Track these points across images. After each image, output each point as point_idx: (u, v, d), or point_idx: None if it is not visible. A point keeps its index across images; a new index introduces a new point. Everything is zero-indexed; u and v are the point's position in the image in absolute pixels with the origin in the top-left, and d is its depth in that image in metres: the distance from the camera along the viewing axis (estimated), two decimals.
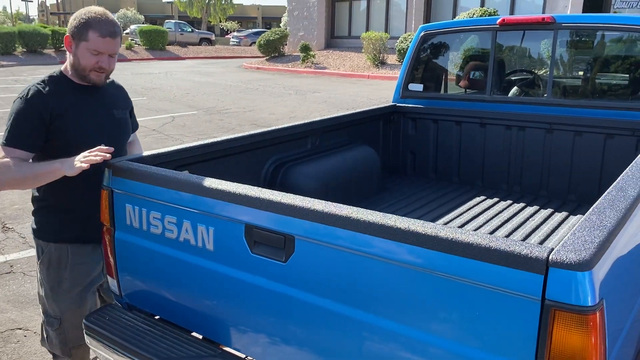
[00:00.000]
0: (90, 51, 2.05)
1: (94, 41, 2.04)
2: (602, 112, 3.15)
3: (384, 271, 1.42)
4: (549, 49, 3.35)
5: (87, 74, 2.10)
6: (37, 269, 2.27)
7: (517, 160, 3.47)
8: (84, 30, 2.04)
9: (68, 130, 2.08)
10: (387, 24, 22.17)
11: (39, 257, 2.24)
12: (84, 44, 2.05)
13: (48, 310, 2.26)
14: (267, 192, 1.65)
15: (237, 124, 10.10)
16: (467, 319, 1.31)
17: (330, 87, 15.95)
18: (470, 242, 1.28)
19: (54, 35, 25.36)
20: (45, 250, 2.20)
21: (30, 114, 2.03)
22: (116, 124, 2.26)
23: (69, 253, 2.19)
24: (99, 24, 2.04)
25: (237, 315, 1.79)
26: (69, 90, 2.13)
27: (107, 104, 2.24)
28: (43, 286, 2.25)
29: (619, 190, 1.60)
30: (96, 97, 2.20)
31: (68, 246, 2.19)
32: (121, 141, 2.29)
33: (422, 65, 3.90)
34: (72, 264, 2.20)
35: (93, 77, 2.12)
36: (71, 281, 2.21)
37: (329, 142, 3.26)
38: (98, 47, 2.05)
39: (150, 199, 1.92)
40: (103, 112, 2.21)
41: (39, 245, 2.23)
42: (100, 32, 2.04)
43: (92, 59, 2.07)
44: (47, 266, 2.21)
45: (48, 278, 2.21)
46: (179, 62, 26.56)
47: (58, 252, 2.19)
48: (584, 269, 1.16)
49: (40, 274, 2.24)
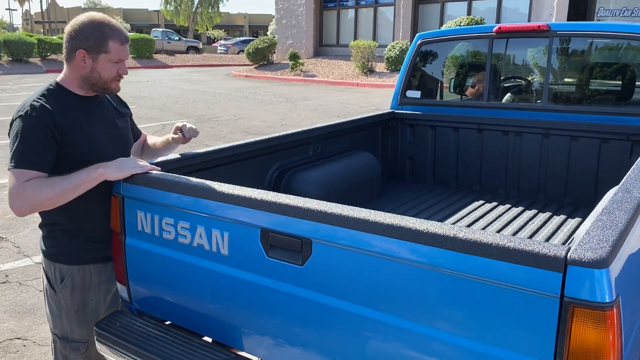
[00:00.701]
0: (112, 61, 1.98)
1: (116, 51, 1.97)
2: (597, 117, 3.22)
3: (403, 273, 1.45)
4: (545, 56, 3.42)
5: (109, 85, 2.03)
6: (50, 294, 2.16)
7: (514, 165, 3.53)
8: (102, 41, 1.95)
9: (78, 145, 1.99)
10: (375, 32, 22.35)
11: (56, 282, 2.12)
12: (104, 57, 1.96)
13: (70, 335, 2.16)
14: (284, 197, 1.67)
15: (228, 132, 10.11)
16: (487, 318, 1.34)
17: (320, 94, 16.02)
18: (489, 242, 1.31)
19: (39, 44, 25.17)
20: (67, 274, 2.11)
21: (40, 131, 1.88)
22: (121, 133, 2.21)
23: (92, 273, 2.13)
24: (114, 32, 1.97)
25: (251, 319, 1.80)
26: (73, 103, 2.03)
27: (110, 113, 2.18)
28: (63, 311, 2.14)
29: (625, 191, 1.65)
30: (99, 108, 2.13)
31: (91, 267, 2.12)
32: (127, 150, 2.24)
33: (419, 73, 3.96)
34: (96, 284, 2.15)
35: (114, 87, 2.06)
36: (97, 301, 2.16)
37: (330, 149, 3.30)
38: (121, 56, 1.99)
39: (164, 205, 1.93)
40: (108, 122, 2.15)
41: (55, 268, 2.11)
42: (120, 40, 1.98)
43: (114, 69, 2.00)
44: (71, 289, 2.11)
45: (73, 301, 2.12)
46: (166, 71, 26.51)
47: (81, 274, 2.11)
48: (601, 267, 1.19)
49: (61, 299, 2.13)
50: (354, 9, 23.18)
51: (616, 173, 3.06)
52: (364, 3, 22.77)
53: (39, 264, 4.37)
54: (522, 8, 18.01)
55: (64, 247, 2.10)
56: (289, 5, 24.36)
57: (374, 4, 22.36)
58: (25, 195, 1.84)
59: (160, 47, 32.98)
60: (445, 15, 19.84)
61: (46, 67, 24.32)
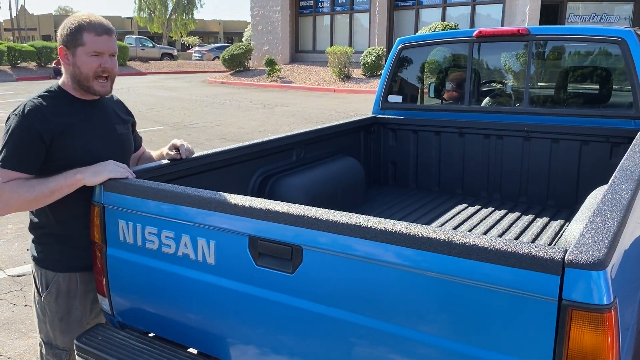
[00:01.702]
0: (90, 54, 1.93)
1: (92, 42, 1.92)
2: (577, 119, 3.26)
3: (396, 278, 1.42)
4: (525, 59, 3.46)
5: (91, 84, 1.97)
6: (37, 299, 2.13)
7: (496, 168, 3.55)
8: (78, 34, 1.92)
9: (71, 149, 1.96)
10: (351, 38, 22.47)
11: (42, 287, 2.10)
12: (81, 50, 1.93)
13: (55, 342, 2.12)
14: (272, 203, 1.63)
15: (205, 139, 10.00)
16: (483, 323, 1.33)
17: (298, 100, 16.00)
18: (485, 245, 1.29)
19: (9, 51, 24.64)
20: (53, 281, 2.07)
21: (28, 133, 1.88)
22: (120, 140, 2.15)
23: (79, 282, 2.09)
24: (91, 25, 1.93)
25: (239, 330, 1.76)
26: (70, 106, 2.00)
27: (110, 119, 2.13)
28: (49, 317, 2.11)
29: (613, 192, 1.66)
30: (98, 112, 2.08)
31: (77, 275, 2.09)
32: (125, 158, 2.18)
33: (400, 77, 3.96)
34: (82, 293, 2.11)
35: (98, 88, 1.98)
36: (82, 310, 2.12)
37: (313, 154, 3.27)
38: (97, 48, 1.93)
39: (146, 214, 1.87)
40: (106, 127, 2.10)
41: (42, 274, 2.09)
42: (96, 31, 1.93)
43: (94, 62, 1.94)
44: (56, 296, 2.08)
45: (57, 308, 2.08)
46: (141, 78, 26.18)
47: (67, 281, 2.07)
48: (598, 269, 1.19)
49: (46, 305, 2.10)
50: (329, 15, 23.27)
51: (597, 174, 3.10)
52: (340, 9, 22.88)
53: (12, 277, 4.23)
54: (495, 14, 18.32)
55: (51, 253, 2.08)
56: (264, 12, 24.33)
57: (349, 10, 22.48)
58: (3, 196, 1.86)
59: (134, 54, 32.59)
60: (420, 21, 20.06)
61: (16, 75, 23.80)
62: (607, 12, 17.23)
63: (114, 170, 1.95)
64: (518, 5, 16.80)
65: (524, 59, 3.50)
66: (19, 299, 3.85)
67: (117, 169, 1.96)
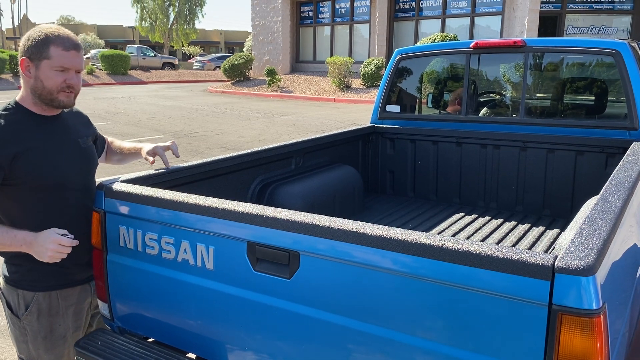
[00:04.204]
0: (55, 69, 1.84)
1: (58, 57, 1.84)
2: (572, 130, 3.30)
3: (391, 284, 1.45)
4: (521, 70, 3.50)
5: (56, 97, 1.88)
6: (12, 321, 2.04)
7: (492, 178, 3.59)
8: (44, 47, 1.83)
9: (35, 169, 1.87)
10: (351, 49, 22.61)
11: (19, 308, 2.01)
12: (46, 63, 1.84)
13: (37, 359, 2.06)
14: (270, 209, 1.66)
15: (205, 147, 10.04)
16: (475, 327, 1.35)
17: (297, 110, 16.07)
18: (477, 251, 1.32)
19: (11, 60, 24.76)
20: (32, 301, 2.00)
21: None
22: (84, 155, 2.07)
23: (59, 299, 2.03)
24: (59, 39, 1.84)
25: (238, 334, 1.78)
26: (29, 124, 1.90)
27: (72, 134, 2.04)
28: (29, 337, 2.03)
29: (605, 201, 1.69)
30: (60, 128, 1.99)
31: (57, 292, 2.02)
32: (91, 172, 2.11)
33: (398, 87, 4.01)
34: (64, 309, 2.05)
35: (62, 99, 1.89)
36: (64, 326, 2.07)
37: (312, 163, 3.30)
38: (64, 63, 1.85)
39: (146, 220, 1.90)
40: (69, 142, 2.01)
41: (19, 295, 1.99)
42: (64, 46, 1.84)
43: (59, 77, 1.85)
44: (37, 316, 2.01)
45: (39, 327, 2.01)
46: (142, 87, 26.29)
47: (47, 300, 2.01)
48: (588, 274, 1.22)
49: (26, 325, 2.01)
50: (329, 25, 23.44)
51: (592, 184, 3.14)
52: (340, 20, 23.05)
53: None
54: (494, 25, 18.46)
55: (27, 273, 1.99)
56: (265, 22, 24.50)
57: (349, 21, 22.65)
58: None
59: (135, 64, 32.73)
60: (419, 32, 20.20)
61: (17, 84, 23.86)
62: (605, 24, 17.37)
63: (52, 254, 1.85)
64: (517, 17, 16.93)
65: (521, 70, 3.55)
66: None
67: (54, 252, 1.85)
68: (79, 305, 2.11)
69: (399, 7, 20.81)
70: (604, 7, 17.33)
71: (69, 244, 1.86)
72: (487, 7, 18.62)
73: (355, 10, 22.38)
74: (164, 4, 46.55)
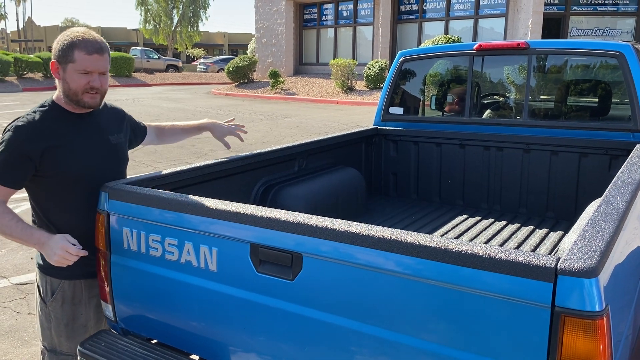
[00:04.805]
0: (79, 72, 1.96)
1: (81, 60, 1.95)
2: (576, 132, 3.30)
3: (394, 286, 1.45)
4: (524, 72, 3.50)
5: (81, 98, 2.00)
6: (40, 307, 2.17)
7: (496, 180, 3.58)
8: (69, 51, 1.95)
9: (62, 163, 2.00)
10: (355, 51, 22.62)
11: (47, 294, 2.14)
12: (71, 66, 1.96)
13: (58, 347, 2.16)
14: (274, 211, 1.67)
15: (209, 149, 10.06)
16: (478, 329, 1.35)
17: (301, 112, 16.08)
18: (480, 253, 1.32)
19: (16, 62, 24.85)
20: (58, 288, 2.12)
21: (16, 149, 1.93)
22: (113, 151, 2.18)
23: (83, 288, 2.15)
24: (83, 43, 1.95)
25: (241, 336, 1.78)
26: (62, 120, 2.04)
27: (103, 131, 2.16)
28: (53, 323, 2.15)
29: (608, 203, 1.69)
30: (91, 124, 2.11)
31: (82, 282, 2.14)
32: (119, 168, 2.21)
33: (401, 89, 4.02)
34: (86, 299, 2.16)
35: (87, 100, 2.01)
36: (86, 315, 2.17)
37: (315, 164, 3.31)
38: (86, 67, 1.96)
39: (150, 222, 1.91)
40: (99, 139, 2.13)
41: (47, 281, 2.13)
42: (87, 50, 1.95)
43: (82, 80, 1.97)
44: (62, 303, 2.13)
45: (63, 314, 2.13)
46: (146, 89, 26.36)
47: (72, 288, 2.13)
48: (590, 276, 1.22)
49: (51, 311, 2.14)
50: (333, 28, 23.46)
51: (596, 186, 3.13)
52: (343, 22, 23.07)
53: (16, 285, 4.26)
54: (498, 28, 18.44)
55: None
56: (268, 25, 24.55)
57: (353, 23, 22.67)
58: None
59: (139, 66, 32.83)
60: (423, 34, 20.20)
61: (22, 86, 23.99)
62: (609, 26, 17.33)
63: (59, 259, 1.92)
64: (520, 19, 16.91)
65: (524, 72, 3.54)
66: (23, 307, 3.88)
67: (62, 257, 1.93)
68: None
69: (403, 9, 20.82)
70: (608, 9, 17.30)
71: (75, 252, 1.94)
72: (490, 9, 18.61)
73: (358, 13, 22.40)
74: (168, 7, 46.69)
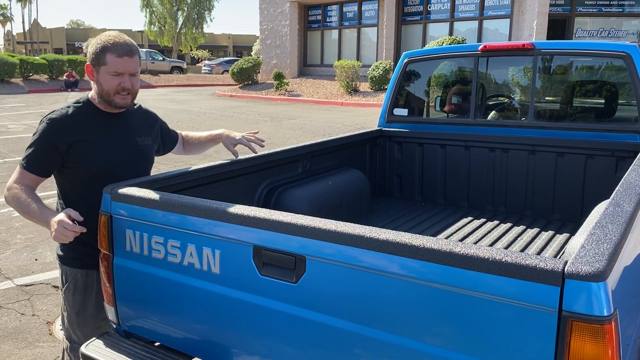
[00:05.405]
0: (111, 74, 2.08)
1: (112, 63, 2.07)
2: (582, 133, 3.27)
3: (399, 289, 1.44)
4: (530, 74, 3.48)
5: (113, 98, 2.12)
6: (62, 295, 2.28)
7: (501, 182, 3.56)
8: (102, 54, 2.07)
9: (86, 157, 2.11)
10: (359, 52, 22.61)
11: (63, 283, 2.25)
12: (103, 69, 2.09)
13: (72, 336, 2.26)
14: (277, 213, 1.65)
15: (213, 151, 10.02)
16: (484, 333, 1.33)
17: (305, 113, 16.08)
18: (486, 257, 1.30)
19: (22, 64, 24.97)
20: (70, 276, 2.22)
21: (46, 140, 2.07)
22: (138, 151, 2.26)
23: (95, 279, 2.21)
24: (114, 46, 2.07)
25: (243, 339, 1.77)
26: (93, 117, 2.17)
27: (131, 131, 2.26)
28: (67, 312, 2.26)
29: (615, 205, 1.67)
30: (120, 124, 2.23)
31: (95, 272, 2.20)
32: (142, 169, 2.28)
33: (406, 91, 4.00)
34: (97, 289, 2.20)
35: (119, 101, 2.13)
36: (97, 306, 2.23)
37: (319, 166, 3.29)
38: (117, 68, 2.08)
39: (153, 224, 1.90)
40: (126, 139, 2.23)
41: (64, 271, 2.24)
42: (117, 53, 2.07)
43: (114, 81, 2.09)
44: (73, 291, 2.22)
45: (74, 303, 2.23)
46: (151, 90, 26.43)
47: (84, 277, 2.21)
48: (598, 280, 1.19)
49: (65, 299, 2.25)
50: (337, 29, 23.46)
51: (602, 188, 3.10)
52: (348, 24, 23.07)
53: (20, 287, 4.27)
54: (502, 29, 18.39)
55: (70, 251, 2.21)
56: (273, 26, 24.58)
57: (357, 24, 22.66)
58: (8, 193, 2.09)
59: (144, 68, 32.90)
60: (427, 35, 20.17)
61: (28, 88, 24.11)
62: (615, 27, 17.26)
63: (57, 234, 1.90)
64: (525, 20, 16.86)
65: (530, 73, 3.52)
66: (27, 309, 3.88)
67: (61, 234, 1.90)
68: None
69: (407, 11, 20.79)
70: (613, 9, 17.23)
71: (70, 227, 1.89)
72: (495, 10, 18.57)
73: (363, 14, 22.39)
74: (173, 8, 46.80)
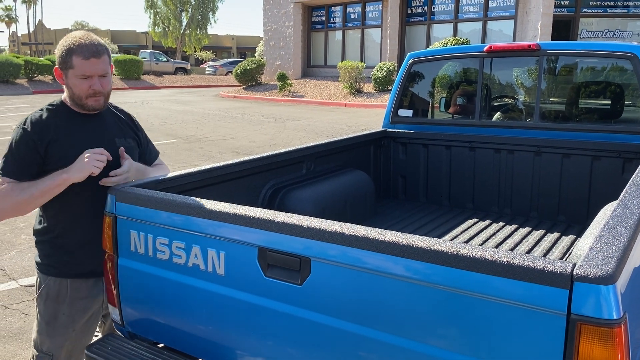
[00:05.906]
0: (79, 77, 1.99)
1: (80, 66, 1.98)
2: (588, 135, 3.25)
3: (404, 291, 1.42)
4: (535, 74, 3.46)
5: (85, 102, 2.04)
6: (35, 303, 2.20)
7: (506, 183, 3.54)
8: (68, 57, 1.99)
9: (64, 158, 2.01)
10: (362, 53, 22.60)
11: (36, 291, 2.18)
12: (71, 72, 2.00)
13: (41, 345, 2.16)
14: (282, 215, 1.64)
15: (217, 152, 10.07)
16: (490, 337, 1.32)
17: (309, 114, 16.08)
18: (493, 259, 1.29)
19: (26, 65, 25.05)
20: (43, 284, 2.14)
21: (25, 144, 1.99)
22: (117, 153, 2.14)
23: (69, 288, 2.13)
24: (79, 48, 1.98)
25: (248, 341, 1.76)
26: (68, 118, 2.08)
27: (108, 131, 2.17)
28: (37, 320, 2.17)
29: (624, 207, 1.65)
30: (96, 125, 2.14)
31: (68, 281, 2.13)
32: None
33: (410, 92, 3.98)
34: (70, 299, 2.13)
35: (91, 103, 2.05)
36: (69, 316, 2.14)
37: (323, 167, 3.28)
38: (85, 71, 1.99)
39: (157, 225, 1.89)
40: (102, 138, 2.13)
41: (38, 277, 2.17)
42: (84, 55, 1.97)
43: (84, 84, 2.00)
44: (45, 299, 2.13)
45: (45, 312, 2.14)
46: (154, 92, 26.48)
47: (57, 286, 2.12)
48: (607, 283, 1.18)
49: (37, 306, 2.16)
50: (341, 30, 23.46)
51: (608, 190, 3.08)
52: (352, 25, 23.06)
53: (25, 287, 4.27)
54: (507, 30, 18.35)
55: (45, 257, 2.14)
56: (277, 27, 24.59)
57: (361, 25, 22.65)
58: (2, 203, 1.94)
59: (148, 68, 32.99)
60: (431, 36, 20.14)
61: (33, 88, 24.18)
62: (620, 28, 17.19)
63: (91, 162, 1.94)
64: (530, 21, 16.82)
65: (535, 74, 3.50)
66: (31, 309, 3.88)
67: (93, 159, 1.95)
68: (89, 300, 2.18)
69: (411, 12, 20.77)
70: (618, 10, 17.16)
71: (99, 151, 1.97)
72: (499, 11, 18.53)
73: (366, 15, 22.39)
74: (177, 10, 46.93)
